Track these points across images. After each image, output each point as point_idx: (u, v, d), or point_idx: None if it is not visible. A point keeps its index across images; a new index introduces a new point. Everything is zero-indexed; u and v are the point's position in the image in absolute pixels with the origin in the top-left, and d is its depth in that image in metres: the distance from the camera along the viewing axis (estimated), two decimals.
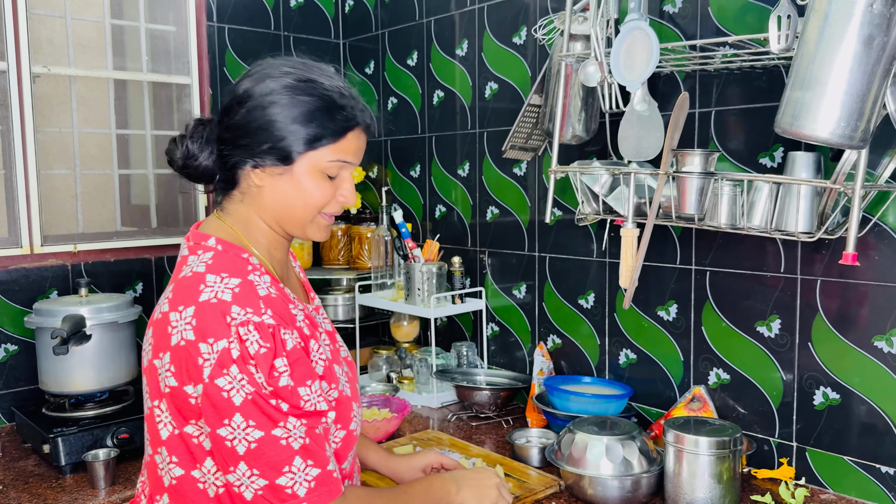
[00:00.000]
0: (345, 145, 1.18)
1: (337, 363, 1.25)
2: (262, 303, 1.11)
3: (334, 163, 1.18)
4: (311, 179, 1.17)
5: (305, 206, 1.19)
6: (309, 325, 1.21)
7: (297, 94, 1.15)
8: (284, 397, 1.09)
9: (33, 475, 1.90)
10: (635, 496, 1.63)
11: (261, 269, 1.18)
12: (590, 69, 1.80)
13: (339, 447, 1.23)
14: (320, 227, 1.23)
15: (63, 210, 2.45)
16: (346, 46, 3.06)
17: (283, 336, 1.11)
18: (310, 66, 1.19)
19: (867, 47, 1.28)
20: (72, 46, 2.45)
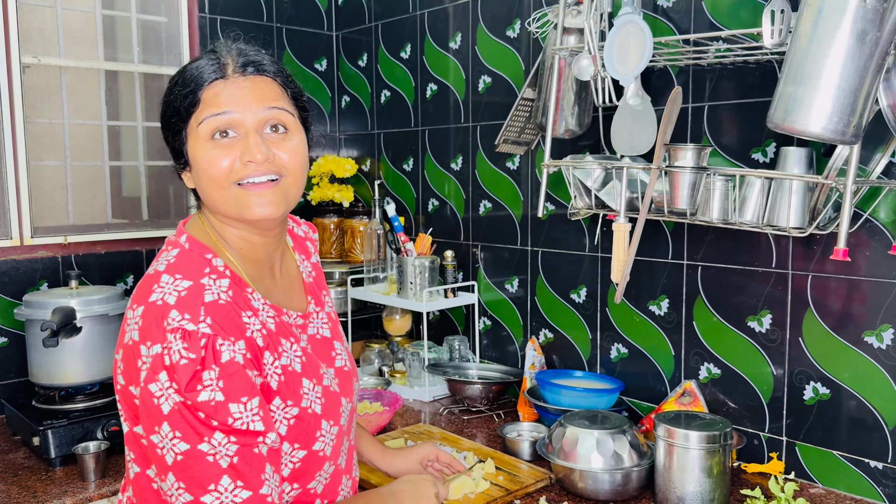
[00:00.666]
0: (204, 104, 1.08)
1: (311, 375, 1.15)
2: (204, 309, 1.03)
3: (203, 123, 1.07)
4: (200, 154, 1.08)
5: (213, 183, 1.08)
6: (270, 334, 1.10)
7: (170, 86, 1.12)
8: (209, 412, 1.00)
9: (23, 468, 1.89)
10: (626, 490, 1.64)
11: (224, 271, 1.10)
12: (583, 63, 1.80)
13: (298, 467, 1.13)
14: (246, 202, 1.08)
15: (53, 202, 2.44)
16: (338, 38, 3.05)
17: (219, 347, 1.01)
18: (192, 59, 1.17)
19: (860, 42, 1.28)
20: (62, 37, 2.43)
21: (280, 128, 1.11)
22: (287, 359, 1.11)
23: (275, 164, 1.09)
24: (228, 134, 1.08)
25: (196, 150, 1.09)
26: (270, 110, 1.09)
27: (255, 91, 1.09)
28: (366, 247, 2.72)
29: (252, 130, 1.07)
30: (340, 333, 1.31)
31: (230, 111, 1.07)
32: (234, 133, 1.08)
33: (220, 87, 1.08)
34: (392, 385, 2.45)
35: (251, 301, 1.11)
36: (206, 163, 1.08)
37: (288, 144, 1.11)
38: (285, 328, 1.15)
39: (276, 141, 1.10)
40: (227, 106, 1.07)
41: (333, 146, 3.09)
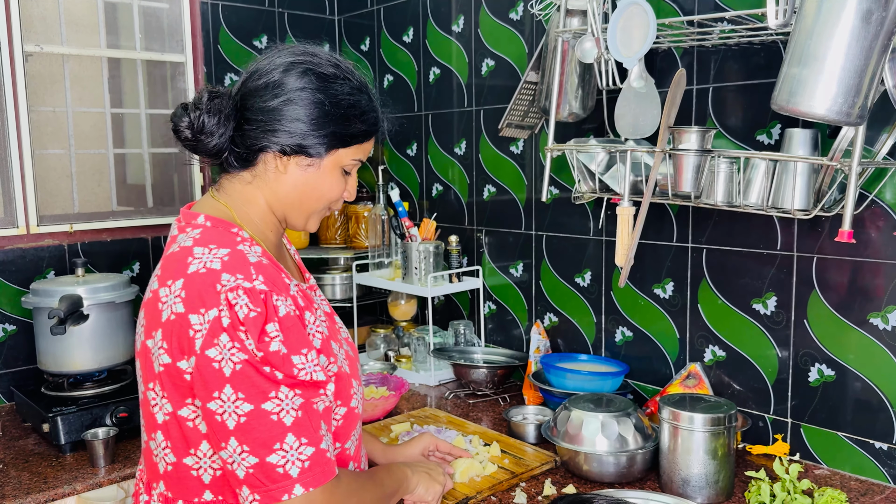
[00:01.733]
0: (366, 147, 1.24)
1: (335, 340, 1.24)
2: (254, 269, 1.09)
3: (355, 162, 1.23)
4: (332, 175, 1.21)
5: (321, 199, 1.23)
6: (304, 297, 1.20)
7: (334, 92, 1.18)
8: (276, 364, 1.06)
9: (33, 454, 1.91)
10: (630, 472, 1.65)
11: (251, 241, 1.17)
12: (586, 45, 1.79)
13: (341, 425, 1.22)
14: (319, 218, 1.28)
15: (58, 190, 2.44)
16: (340, 23, 3.03)
17: (276, 302, 1.08)
18: (342, 65, 1.21)
19: (865, 22, 1.27)
20: (64, 25, 2.42)
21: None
22: (317, 321, 1.19)
23: None
24: (349, 174, 1.26)
25: (333, 168, 1.21)
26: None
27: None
28: (370, 232, 2.72)
29: (356, 175, 1.28)
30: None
31: (362, 162, 1.27)
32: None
33: (373, 141, 1.27)
34: (398, 370, 2.46)
35: (283, 268, 1.20)
36: (331, 186, 1.22)
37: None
38: (306, 295, 1.23)
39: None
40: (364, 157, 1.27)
41: None
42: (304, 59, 1.18)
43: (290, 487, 1.05)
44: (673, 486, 1.58)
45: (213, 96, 1.17)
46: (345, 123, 1.19)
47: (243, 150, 1.18)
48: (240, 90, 1.20)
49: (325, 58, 1.20)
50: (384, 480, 1.30)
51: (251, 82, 1.18)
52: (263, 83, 1.17)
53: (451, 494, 1.59)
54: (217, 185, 1.25)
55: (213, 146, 1.17)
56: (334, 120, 1.18)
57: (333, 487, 1.09)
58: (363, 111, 1.21)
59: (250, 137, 1.17)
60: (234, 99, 1.19)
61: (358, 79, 1.22)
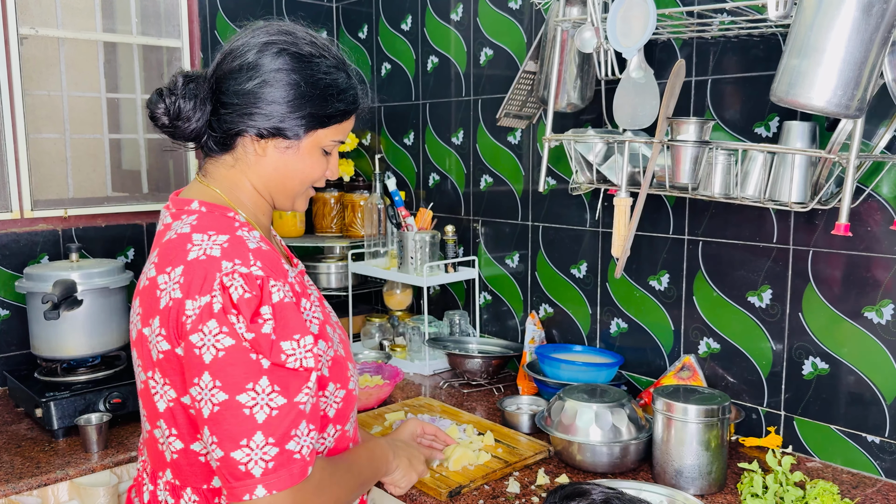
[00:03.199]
0: (346, 126, 1.22)
1: (329, 325, 1.24)
2: (252, 255, 1.08)
3: (335, 142, 1.21)
4: (312, 156, 1.19)
5: (303, 180, 1.21)
6: (300, 283, 1.20)
7: (311, 72, 1.15)
8: (264, 349, 1.03)
9: (26, 439, 1.90)
10: (623, 462, 1.65)
11: (248, 226, 1.17)
12: (586, 35, 1.78)
13: (341, 407, 1.22)
14: (306, 198, 1.26)
15: (53, 174, 2.43)
16: (339, 10, 3.01)
17: (271, 289, 1.06)
18: (318, 43, 1.18)
19: (866, 14, 1.26)
20: (60, 8, 2.40)
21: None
22: (312, 306, 1.18)
23: None
24: (328, 153, 1.23)
25: (312, 149, 1.19)
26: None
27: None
28: (366, 221, 2.72)
29: (337, 153, 1.26)
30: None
31: (344, 142, 1.27)
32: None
33: (354, 119, 1.24)
34: (392, 359, 2.46)
35: (279, 253, 1.20)
36: (312, 166, 1.20)
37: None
38: (301, 281, 1.23)
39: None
40: (346, 137, 1.26)
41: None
42: (279, 38, 1.15)
43: (252, 488, 1.01)
44: (666, 476, 1.58)
45: (188, 80, 1.14)
46: (322, 104, 1.16)
47: (220, 134, 1.16)
48: (214, 72, 1.16)
49: (302, 36, 1.16)
50: (363, 469, 1.27)
51: (226, 64, 1.15)
52: (238, 65, 1.14)
53: (444, 482, 1.60)
54: (203, 169, 1.23)
55: (191, 131, 1.15)
56: (311, 101, 1.14)
57: (301, 488, 1.05)
58: (341, 90, 1.17)
59: (227, 121, 1.15)
60: (210, 82, 1.16)
61: (335, 56, 1.18)
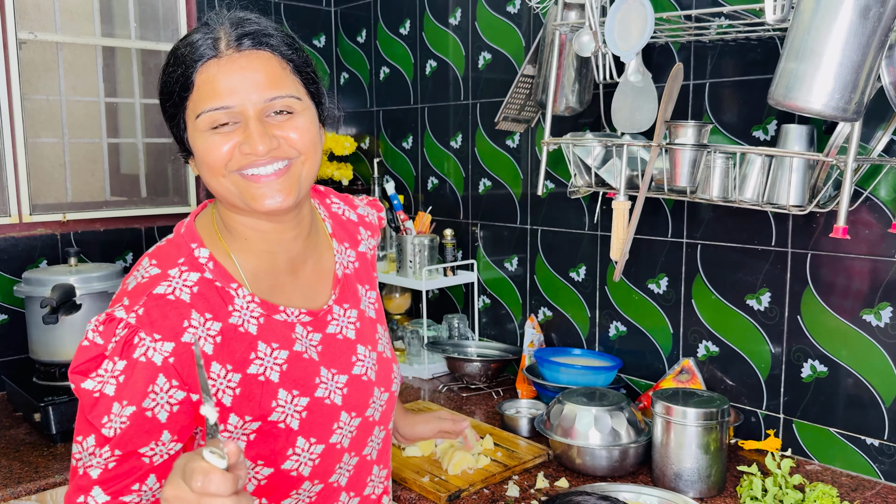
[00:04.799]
0: (199, 93, 0.96)
1: (293, 386, 1.02)
2: (146, 300, 0.94)
3: (200, 117, 0.96)
4: (199, 142, 0.98)
5: (210, 171, 0.98)
6: (235, 338, 0.99)
7: (164, 66, 1.01)
8: (85, 404, 0.92)
9: (24, 443, 1.90)
10: (623, 466, 1.65)
11: (206, 263, 1.00)
12: (584, 39, 1.78)
13: (265, 485, 1.02)
14: (249, 192, 0.98)
15: (51, 179, 2.43)
16: (337, 14, 3.02)
17: (135, 342, 0.91)
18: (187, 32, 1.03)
19: (863, 18, 1.27)
20: (59, 12, 2.41)
21: (285, 112, 0.99)
22: (260, 367, 1.00)
23: (281, 149, 0.97)
24: (228, 124, 0.97)
25: (195, 139, 0.98)
26: (273, 101, 0.97)
27: (254, 75, 0.96)
28: None
29: (252, 118, 0.96)
30: (373, 336, 1.16)
31: (229, 105, 0.95)
32: (234, 122, 0.97)
33: (213, 69, 0.95)
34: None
35: (234, 298, 1.00)
36: (203, 150, 0.97)
37: (295, 124, 0.99)
38: (274, 329, 1.02)
39: (280, 124, 0.98)
40: (225, 98, 0.95)
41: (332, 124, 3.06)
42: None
43: None
44: (665, 480, 1.58)
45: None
46: (163, 82, 1.01)
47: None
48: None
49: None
50: None
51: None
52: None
53: (443, 486, 1.60)
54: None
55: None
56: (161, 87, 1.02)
57: None
58: (170, 62, 1.00)
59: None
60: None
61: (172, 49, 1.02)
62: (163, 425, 0.93)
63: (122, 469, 0.93)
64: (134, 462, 0.93)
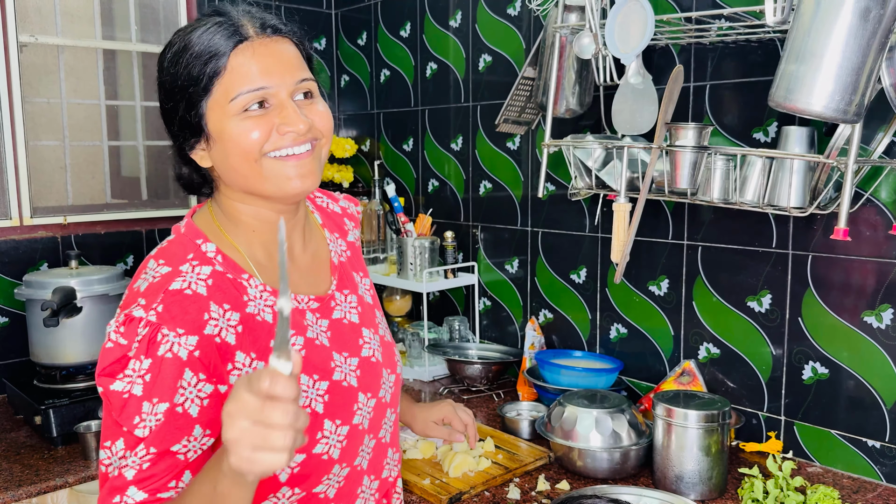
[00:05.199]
0: (234, 76, 0.98)
1: (313, 371, 1.04)
2: (163, 296, 0.95)
3: (237, 99, 0.98)
4: (231, 128, 0.99)
5: (245, 155, 0.99)
6: (256, 327, 1.00)
7: (174, 55, 1.01)
8: (115, 406, 0.92)
9: (25, 446, 1.90)
10: (624, 468, 1.65)
11: (215, 256, 1.02)
12: (584, 41, 1.78)
13: (298, 472, 1.01)
14: (284, 174, 1.00)
15: (52, 182, 2.43)
16: (338, 17, 3.02)
17: (159, 338, 0.92)
18: (191, 23, 1.03)
19: (863, 20, 1.27)
20: (59, 15, 2.41)
21: (308, 94, 1.04)
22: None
23: (313, 130, 1.02)
24: (261, 105, 0.99)
25: (224, 124, 0.99)
26: (302, 83, 1.01)
27: (285, 56, 1.01)
28: (365, 227, 2.72)
29: (287, 99, 0.99)
30: (373, 320, 1.19)
31: (265, 86, 0.98)
32: (268, 104, 0.99)
33: (248, 52, 0.98)
34: None
35: (247, 288, 1.02)
36: (237, 135, 0.98)
37: (318, 108, 1.04)
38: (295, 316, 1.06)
39: (306, 106, 1.02)
40: (261, 80, 0.98)
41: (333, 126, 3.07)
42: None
43: None
44: (666, 482, 1.58)
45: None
46: (187, 82, 1.00)
47: (187, 165, 1.11)
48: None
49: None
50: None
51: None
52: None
53: (444, 489, 1.59)
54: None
55: (189, 178, 1.12)
56: (178, 86, 1.01)
57: None
58: (190, 52, 0.99)
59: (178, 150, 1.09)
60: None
61: (181, 39, 1.02)
62: (194, 420, 0.94)
63: (157, 468, 0.92)
64: (169, 461, 0.93)
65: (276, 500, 1.02)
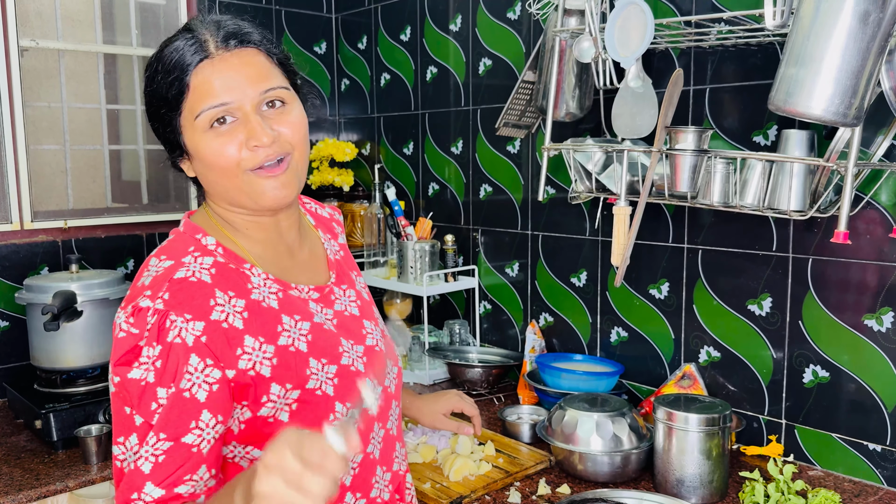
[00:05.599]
0: (196, 94, 1.00)
1: (321, 355, 1.06)
2: (168, 286, 0.97)
3: (200, 116, 1.00)
4: (202, 145, 1.01)
5: (223, 173, 1.02)
6: (262, 312, 1.02)
7: (150, 74, 1.04)
8: (134, 394, 0.93)
9: (25, 450, 1.90)
10: (625, 472, 1.65)
11: (216, 248, 1.04)
12: (584, 45, 1.79)
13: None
14: (260, 188, 1.03)
15: (53, 186, 2.43)
16: (338, 21, 3.03)
17: (167, 325, 0.94)
18: (169, 37, 1.06)
19: (863, 23, 1.27)
20: (60, 20, 2.41)
21: (277, 103, 1.04)
22: (288, 338, 1.03)
23: (280, 142, 1.02)
24: (227, 120, 1.00)
25: (196, 141, 1.02)
26: (266, 93, 1.02)
27: (246, 70, 1.01)
28: (366, 231, 2.72)
29: (251, 113, 1.00)
30: (373, 314, 1.23)
31: (227, 101, 0.99)
32: (232, 118, 1.01)
33: (207, 70, 1.00)
34: None
35: (250, 277, 1.04)
36: (211, 153, 1.01)
37: (288, 118, 1.04)
38: (293, 304, 1.07)
39: (275, 116, 1.03)
40: (222, 95, 0.99)
41: (333, 130, 3.08)
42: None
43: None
44: (667, 486, 1.58)
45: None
46: (156, 100, 1.04)
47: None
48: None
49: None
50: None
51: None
52: None
53: (445, 493, 1.59)
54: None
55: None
56: (152, 105, 1.05)
57: None
58: (158, 69, 1.03)
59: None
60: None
61: (156, 55, 1.06)
62: (202, 405, 0.95)
63: (171, 461, 0.93)
64: (183, 452, 0.94)
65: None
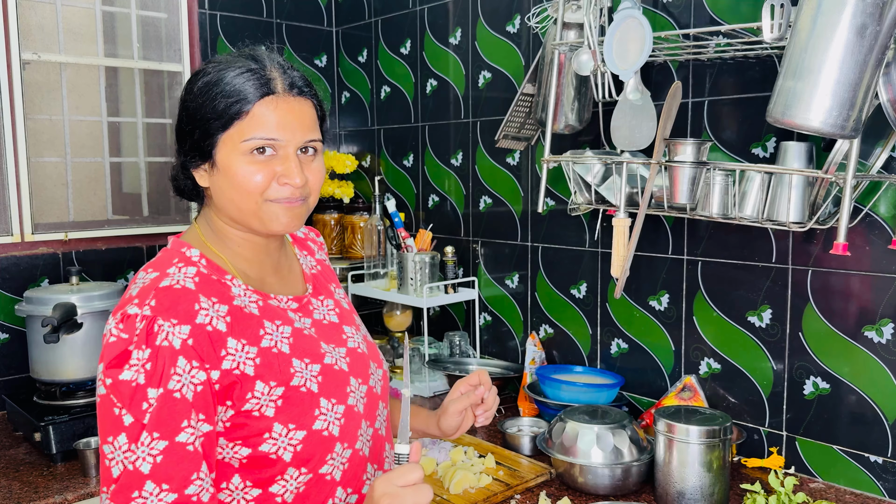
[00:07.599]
0: (253, 121, 1.08)
1: (304, 355, 1.11)
2: (154, 293, 1.02)
3: (250, 141, 1.08)
4: (237, 166, 1.08)
5: (245, 195, 1.09)
6: (244, 318, 1.07)
7: (204, 84, 1.10)
8: (126, 396, 0.97)
9: (24, 463, 1.89)
10: (625, 484, 1.64)
11: (199, 260, 1.10)
12: (583, 58, 1.80)
13: (301, 450, 1.07)
14: (276, 215, 1.10)
15: (54, 198, 2.44)
16: (338, 34, 3.04)
17: (156, 329, 0.99)
18: (226, 56, 1.13)
19: (860, 36, 1.28)
20: (62, 33, 2.43)
21: (310, 150, 1.13)
22: (271, 340, 1.09)
23: (306, 186, 1.12)
24: (266, 151, 1.09)
25: (232, 160, 1.09)
26: (309, 141, 1.11)
27: (301, 117, 1.11)
28: (366, 243, 2.72)
29: (293, 154, 1.10)
30: (353, 320, 1.29)
31: (276, 138, 1.08)
32: (272, 151, 1.09)
33: (270, 105, 1.08)
34: (392, 380, 2.45)
35: (231, 287, 1.10)
36: (243, 175, 1.08)
37: (314, 165, 1.13)
38: (273, 311, 1.12)
39: (307, 162, 1.12)
40: (275, 131, 1.08)
41: (333, 142, 3.09)
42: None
43: None
44: (668, 498, 1.57)
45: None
46: (210, 111, 1.09)
47: (187, 177, 1.19)
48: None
49: (209, 60, 1.15)
50: None
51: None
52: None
53: None
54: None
55: (185, 186, 1.20)
56: (201, 113, 1.10)
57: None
58: (228, 90, 1.08)
59: (182, 162, 1.17)
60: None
61: (232, 57, 1.12)
62: (191, 404, 0.99)
63: (170, 460, 0.97)
64: (179, 451, 0.98)
65: (284, 481, 1.07)
